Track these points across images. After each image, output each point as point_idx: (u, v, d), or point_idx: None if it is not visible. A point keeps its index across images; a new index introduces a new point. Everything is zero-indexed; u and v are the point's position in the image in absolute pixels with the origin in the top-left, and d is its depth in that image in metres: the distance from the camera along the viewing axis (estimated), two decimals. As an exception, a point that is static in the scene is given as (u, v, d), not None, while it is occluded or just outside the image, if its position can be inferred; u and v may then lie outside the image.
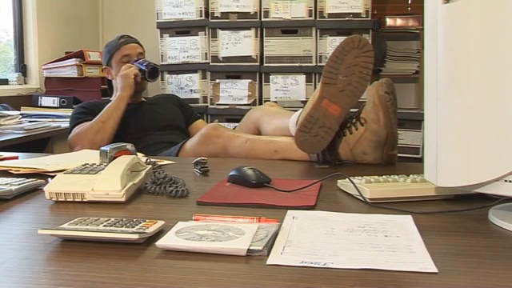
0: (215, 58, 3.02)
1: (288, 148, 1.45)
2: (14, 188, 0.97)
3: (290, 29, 2.94)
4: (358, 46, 1.31)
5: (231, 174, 1.11)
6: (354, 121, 1.35)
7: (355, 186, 0.96)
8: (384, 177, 1.02)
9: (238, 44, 2.99)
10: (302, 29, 2.92)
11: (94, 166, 1.07)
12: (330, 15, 2.88)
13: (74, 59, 3.20)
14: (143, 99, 2.37)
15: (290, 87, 2.94)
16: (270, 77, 2.96)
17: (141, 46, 2.35)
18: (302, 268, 0.62)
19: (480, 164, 0.78)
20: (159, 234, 0.72)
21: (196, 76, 3.08)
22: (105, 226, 0.72)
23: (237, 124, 1.93)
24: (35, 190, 1.04)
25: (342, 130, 1.35)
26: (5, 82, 3.23)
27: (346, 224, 0.79)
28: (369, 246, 0.69)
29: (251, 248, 0.65)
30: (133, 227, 0.72)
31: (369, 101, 1.32)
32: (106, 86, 3.26)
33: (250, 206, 0.92)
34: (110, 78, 2.31)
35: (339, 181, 1.06)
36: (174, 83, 3.10)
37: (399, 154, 1.42)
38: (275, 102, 2.59)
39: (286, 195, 0.99)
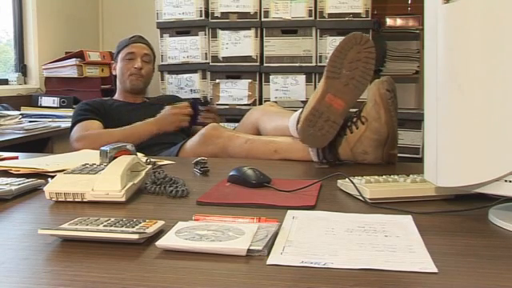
0: (215, 58, 3.02)
1: (288, 148, 1.45)
2: (14, 188, 0.97)
3: (290, 29, 2.94)
4: (360, 43, 1.33)
5: (231, 174, 1.11)
6: (354, 120, 1.35)
7: (355, 186, 0.96)
8: (384, 177, 1.02)
9: (238, 44, 2.98)
10: (301, 29, 2.92)
11: (94, 166, 1.07)
12: (330, 15, 2.88)
13: (74, 59, 3.20)
14: (145, 99, 2.39)
15: (290, 87, 2.94)
16: (270, 77, 2.96)
17: (150, 48, 2.40)
18: (302, 268, 0.62)
19: (480, 164, 0.78)
20: (159, 233, 0.72)
21: (196, 76, 3.08)
22: (105, 226, 0.72)
23: (237, 124, 1.93)
24: (35, 190, 1.04)
25: (342, 130, 1.35)
26: (5, 82, 3.23)
27: (346, 224, 0.79)
28: (369, 246, 0.69)
29: (251, 248, 0.65)
30: (133, 227, 0.72)
31: (370, 99, 1.32)
32: (106, 86, 3.28)
33: (250, 206, 0.92)
34: (113, 73, 2.37)
35: (339, 181, 1.06)
36: (174, 83, 3.10)
37: (399, 154, 1.42)
38: (275, 102, 2.59)
39: (286, 195, 0.99)
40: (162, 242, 0.68)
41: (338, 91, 1.31)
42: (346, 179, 1.01)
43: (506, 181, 0.76)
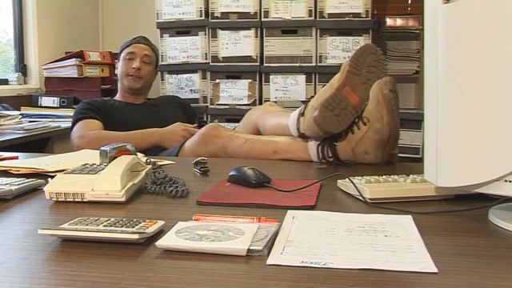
0: (215, 58, 3.02)
1: (287, 148, 1.45)
2: (14, 188, 0.97)
3: (290, 29, 2.94)
4: (376, 53, 1.40)
5: (231, 174, 1.11)
6: (356, 120, 1.35)
7: (355, 186, 0.96)
8: (384, 177, 1.02)
9: (238, 44, 2.98)
10: (301, 29, 2.92)
11: (94, 166, 1.07)
12: (330, 15, 2.88)
13: (73, 59, 3.20)
14: (146, 100, 2.39)
15: (290, 87, 2.94)
16: (270, 77, 2.96)
17: (153, 50, 2.40)
18: (302, 268, 0.62)
19: (480, 164, 0.78)
20: (159, 234, 0.72)
21: (196, 76, 3.08)
22: (105, 226, 0.72)
23: (237, 124, 1.93)
24: (35, 190, 1.04)
25: (343, 129, 1.35)
26: (5, 82, 3.23)
27: (346, 224, 0.79)
28: (369, 246, 0.69)
29: (251, 248, 0.65)
30: (133, 227, 0.72)
31: (372, 99, 1.33)
32: (106, 86, 3.28)
33: (250, 206, 0.92)
34: (115, 73, 2.40)
35: (339, 181, 1.06)
36: (174, 83, 3.10)
37: (399, 154, 1.42)
38: (275, 101, 2.60)
39: (286, 195, 0.99)
40: (162, 242, 0.68)
41: (355, 86, 1.36)
42: (346, 179, 1.01)
43: (506, 181, 0.76)
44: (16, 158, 1.40)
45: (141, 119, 2.13)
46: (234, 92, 3.00)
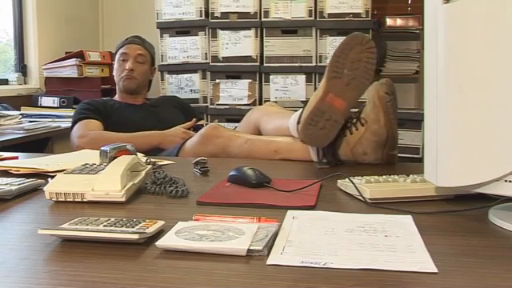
0: (215, 58, 3.01)
1: (288, 148, 1.44)
2: (14, 188, 0.97)
3: (289, 29, 2.94)
4: (361, 43, 1.33)
5: (231, 174, 1.11)
6: (354, 121, 1.35)
7: (355, 186, 0.96)
8: (384, 177, 1.02)
9: (238, 44, 2.98)
10: (301, 29, 2.92)
11: (94, 165, 1.07)
12: (330, 15, 2.88)
13: (73, 59, 3.20)
14: (146, 101, 2.39)
15: (290, 87, 2.94)
16: (270, 77, 2.96)
17: (146, 48, 2.39)
18: (302, 268, 0.62)
19: (480, 164, 0.78)
20: (159, 233, 0.72)
21: (196, 76, 3.08)
22: (105, 226, 0.72)
23: (237, 124, 1.93)
24: (35, 190, 1.04)
25: (342, 130, 1.35)
26: (5, 82, 3.23)
27: (346, 224, 0.79)
28: (369, 246, 0.69)
29: (251, 248, 0.65)
30: (133, 227, 0.72)
31: (369, 101, 1.32)
32: (106, 86, 3.28)
33: (250, 206, 0.92)
34: (114, 73, 2.38)
35: (339, 181, 1.06)
36: (174, 83, 3.10)
37: (399, 154, 1.42)
38: (275, 101, 2.59)
39: (285, 195, 0.99)
40: (162, 242, 0.68)
41: (339, 91, 1.31)
42: (346, 179, 1.01)
43: (506, 181, 0.76)
44: (16, 158, 1.40)
45: (140, 120, 2.13)
46: (234, 92, 3.00)
